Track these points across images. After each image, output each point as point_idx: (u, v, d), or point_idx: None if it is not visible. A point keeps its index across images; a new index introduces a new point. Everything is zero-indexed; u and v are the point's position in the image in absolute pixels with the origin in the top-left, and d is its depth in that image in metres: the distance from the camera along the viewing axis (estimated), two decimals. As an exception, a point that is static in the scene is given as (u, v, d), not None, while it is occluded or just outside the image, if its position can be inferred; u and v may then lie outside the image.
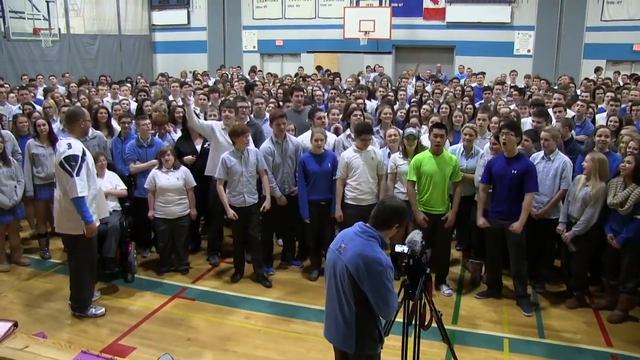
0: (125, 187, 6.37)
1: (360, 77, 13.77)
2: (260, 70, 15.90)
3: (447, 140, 6.76)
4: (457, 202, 5.82)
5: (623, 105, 8.27)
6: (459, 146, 6.32)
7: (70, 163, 4.82)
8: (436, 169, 5.65)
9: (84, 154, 4.95)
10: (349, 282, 3.11)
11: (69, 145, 4.88)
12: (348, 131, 6.73)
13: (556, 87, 10.79)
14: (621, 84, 12.24)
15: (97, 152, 6.36)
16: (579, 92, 10.41)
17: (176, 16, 20.52)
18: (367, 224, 3.21)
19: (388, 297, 3.11)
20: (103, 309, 5.40)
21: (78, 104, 8.57)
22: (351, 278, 3.09)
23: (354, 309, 3.14)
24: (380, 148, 6.61)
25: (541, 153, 5.84)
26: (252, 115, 7.49)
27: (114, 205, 6.20)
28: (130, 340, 4.95)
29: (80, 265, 5.21)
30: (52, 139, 6.52)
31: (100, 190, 5.34)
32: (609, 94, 8.56)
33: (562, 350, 4.91)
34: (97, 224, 5.16)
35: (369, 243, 3.12)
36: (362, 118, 6.80)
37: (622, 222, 5.20)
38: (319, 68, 15.94)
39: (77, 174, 4.83)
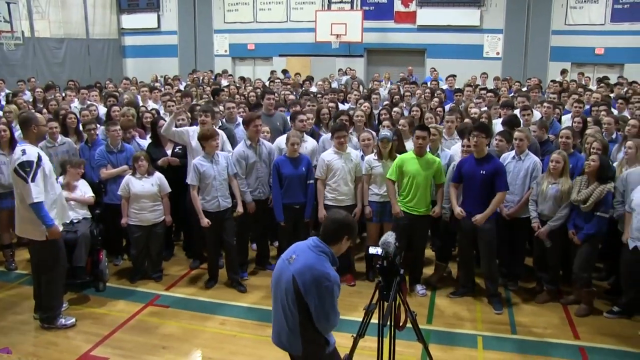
0: (93, 195, 6.23)
1: (331, 80, 13.82)
2: (230, 75, 15.81)
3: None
4: (440, 198, 5.92)
5: (587, 107, 8.49)
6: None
7: (25, 169, 4.75)
8: (419, 169, 5.72)
9: (39, 159, 4.85)
10: (293, 293, 3.11)
11: (23, 152, 4.81)
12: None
13: (525, 89, 11.00)
14: (583, 83, 12.59)
15: (81, 160, 6.35)
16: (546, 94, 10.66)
17: (146, 20, 20.29)
18: (320, 239, 3.22)
19: (329, 313, 3.13)
20: (73, 319, 5.28)
21: (45, 110, 8.41)
22: (297, 289, 3.09)
23: (297, 317, 3.15)
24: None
25: (512, 153, 5.97)
26: (224, 120, 7.46)
27: (83, 212, 6.10)
28: (102, 351, 4.86)
29: (49, 274, 5.09)
30: (13, 146, 6.36)
31: (60, 195, 5.21)
32: (573, 95, 8.78)
33: (533, 346, 5.02)
34: (60, 228, 5.05)
35: (320, 258, 3.14)
36: (348, 122, 6.86)
37: (584, 219, 5.37)
38: (284, 72, 15.95)
39: (33, 180, 4.74)
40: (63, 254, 5.17)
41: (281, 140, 6.64)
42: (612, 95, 10.36)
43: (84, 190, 6.19)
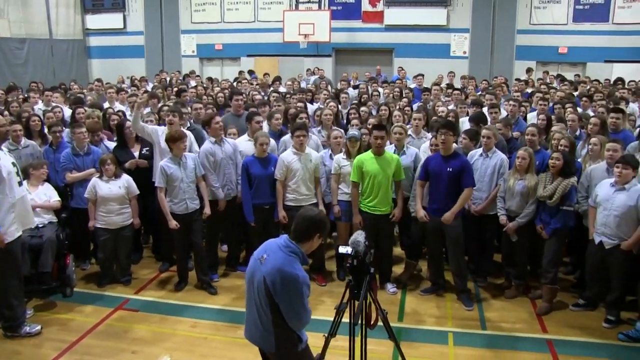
0: (59, 199, 6.10)
1: (300, 80, 13.83)
2: (198, 75, 15.67)
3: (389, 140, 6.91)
4: (401, 198, 5.95)
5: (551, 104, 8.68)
6: (391, 146, 6.43)
7: None
8: (379, 169, 5.73)
9: None
10: (264, 293, 3.14)
11: None
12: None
13: (490, 88, 11.18)
14: (548, 81, 12.87)
15: (42, 162, 6.19)
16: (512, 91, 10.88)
17: (111, 20, 19.94)
18: (290, 239, 3.23)
19: (300, 312, 3.16)
20: (39, 327, 5.15)
21: (6, 112, 8.20)
22: (267, 290, 3.12)
23: (270, 316, 3.18)
24: (324, 149, 6.68)
25: (479, 150, 6.06)
26: (192, 121, 7.40)
27: (49, 217, 5.96)
28: (70, 358, 4.77)
29: (5, 281, 4.91)
30: None
31: (23, 199, 5.03)
32: (538, 94, 8.97)
33: (502, 340, 5.11)
34: (19, 233, 4.91)
35: (290, 259, 3.15)
36: (307, 120, 6.88)
37: (550, 214, 5.49)
38: (250, 72, 15.89)
39: None
40: (15, 261, 4.96)
41: (240, 140, 6.65)
42: (575, 93, 10.61)
43: (49, 194, 6.06)
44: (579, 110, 8.16)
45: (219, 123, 6.27)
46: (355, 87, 13.32)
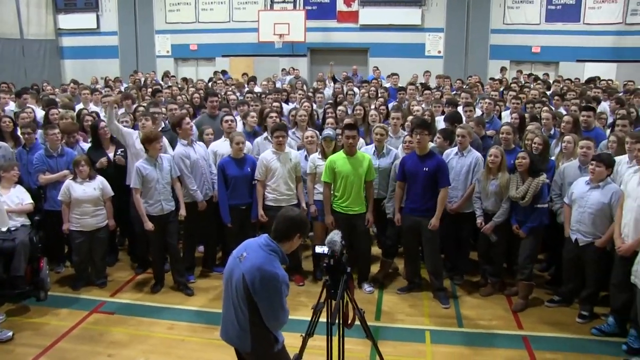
0: (32, 202, 5.99)
1: (275, 80, 13.81)
2: (173, 76, 15.53)
3: (365, 140, 6.95)
4: (372, 201, 5.96)
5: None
6: (371, 146, 6.46)
7: None
8: (350, 169, 5.74)
9: None
10: (243, 291, 3.14)
11: None
12: (265, 134, 6.76)
13: (466, 87, 11.30)
14: (523, 82, 13.05)
15: (12, 163, 6.06)
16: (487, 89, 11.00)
17: (84, 20, 19.61)
18: (271, 238, 3.24)
19: (278, 311, 3.17)
20: (10, 333, 5.06)
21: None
22: (246, 288, 3.12)
23: (247, 315, 3.17)
24: (298, 150, 6.67)
25: (455, 149, 6.12)
26: (167, 122, 7.34)
27: (22, 220, 5.85)
28: (44, 362, 4.70)
29: None
30: None
31: None
32: (511, 92, 9.09)
33: (479, 338, 5.16)
34: None
35: (270, 257, 3.16)
36: (277, 120, 6.87)
37: (524, 213, 5.55)
38: (224, 72, 15.81)
39: None
40: None
41: (216, 145, 6.62)
42: (548, 92, 10.78)
43: (21, 197, 5.95)
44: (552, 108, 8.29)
45: (189, 124, 6.25)
46: (334, 80, 13.40)
